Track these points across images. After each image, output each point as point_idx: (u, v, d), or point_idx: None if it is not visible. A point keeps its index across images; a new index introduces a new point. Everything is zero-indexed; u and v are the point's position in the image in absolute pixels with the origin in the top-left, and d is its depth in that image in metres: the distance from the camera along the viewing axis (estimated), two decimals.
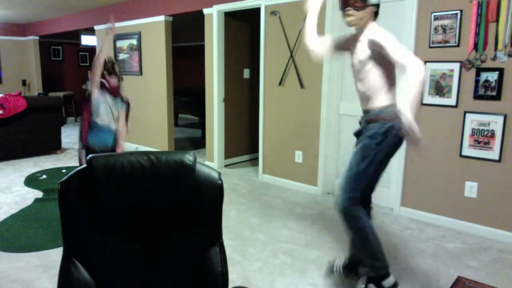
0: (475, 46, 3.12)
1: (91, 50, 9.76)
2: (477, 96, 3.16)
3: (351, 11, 2.09)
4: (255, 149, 5.53)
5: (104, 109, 3.17)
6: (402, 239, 3.16)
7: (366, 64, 2.13)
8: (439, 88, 3.34)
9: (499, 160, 3.11)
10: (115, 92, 3.24)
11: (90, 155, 1.33)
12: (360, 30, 2.18)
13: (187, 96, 7.82)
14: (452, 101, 3.28)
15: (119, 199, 1.34)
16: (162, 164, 1.36)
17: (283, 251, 2.94)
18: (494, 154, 3.12)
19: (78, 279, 1.31)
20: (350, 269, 2.47)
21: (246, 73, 5.65)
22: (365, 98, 2.22)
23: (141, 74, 6.34)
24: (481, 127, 3.17)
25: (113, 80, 3.20)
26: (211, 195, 1.42)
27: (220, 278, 1.40)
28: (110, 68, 3.20)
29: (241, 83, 5.60)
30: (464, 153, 3.27)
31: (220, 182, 1.42)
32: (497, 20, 3.01)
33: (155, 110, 6.13)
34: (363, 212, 2.20)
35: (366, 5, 2.08)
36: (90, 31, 7.69)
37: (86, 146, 3.20)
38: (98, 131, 3.17)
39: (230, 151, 5.56)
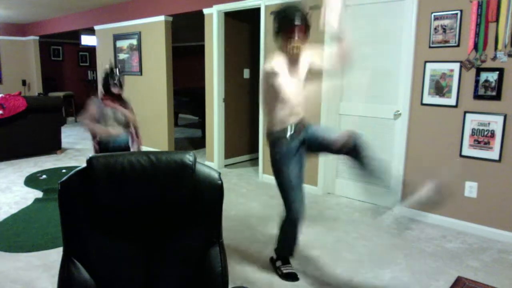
0: (475, 46, 3.12)
1: (91, 50, 9.75)
2: (477, 96, 3.16)
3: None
4: (255, 149, 5.53)
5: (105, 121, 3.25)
6: (402, 239, 3.16)
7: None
8: (439, 88, 3.34)
9: (499, 160, 3.11)
10: (115, 102, 3.29)
11: (90, 155, 1.33)
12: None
13: (187, 96, 7.81)
14: (452, 101, 3.28)
15: (119, 199, 1.34)
16: (162, 164, 1.36)
17: None
18: (494, 154, 3.12)
19: (78, 279, 1.31)
20: None
21: (246, 73, 5.65)
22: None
23: (141, 74, 6.34)
24: (481, 127, 3.17)
25: (116, 89, 3.26)
26: (211, 195, 1.42)
27: (220, 278, 1.40)
28: (110, 78, 3.24)
29: (241, 83, 5.60)
30: (464, 153, 3.27)
31: (220, 182, 1.42)
32: (497, 20, 3.01)
33: (155, 110, 6.13)
34: None
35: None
36: (90, 31, 7.69)
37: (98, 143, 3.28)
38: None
39: (230, 151, 5.56)
